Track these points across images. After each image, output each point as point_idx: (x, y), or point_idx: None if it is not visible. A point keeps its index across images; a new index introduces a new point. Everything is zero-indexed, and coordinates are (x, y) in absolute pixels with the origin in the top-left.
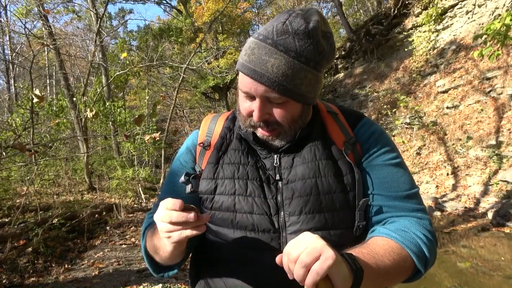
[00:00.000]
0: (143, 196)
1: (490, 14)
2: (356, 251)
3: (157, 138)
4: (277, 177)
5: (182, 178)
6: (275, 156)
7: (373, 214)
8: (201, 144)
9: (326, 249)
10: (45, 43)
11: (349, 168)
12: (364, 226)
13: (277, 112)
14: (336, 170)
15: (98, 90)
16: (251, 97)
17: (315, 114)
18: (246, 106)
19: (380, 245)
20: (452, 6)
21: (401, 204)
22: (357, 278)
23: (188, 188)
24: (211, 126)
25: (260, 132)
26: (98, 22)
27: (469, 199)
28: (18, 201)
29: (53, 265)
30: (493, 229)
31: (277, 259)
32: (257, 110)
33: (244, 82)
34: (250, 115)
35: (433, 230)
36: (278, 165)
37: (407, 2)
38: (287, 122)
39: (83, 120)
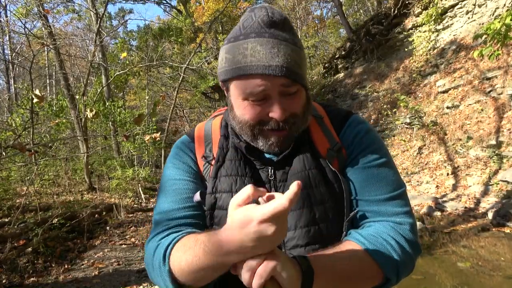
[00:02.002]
0: (143, 196)
1: (490, 14)
2: (315, 253)
3: (157, 138)
4: (273, 191)
5: (198, 197)
6: (269, 168)
7: (358, 220)
8: (204, 158)
9: (271, 252)
10: (45, 43)
11: (335, 177)
12: None
13: (292, 105)
14: (326, 180)
15: (98, 90)
16: (263, 99)
17: None
18: (256, 111)
19: (344, 249)
20: (452, 6)
21: (380, 208)
22: (306, 278)
23: (206, 207)
24: (208, 137)
25: (274, 135)
26: (98, 22)
27: (469, 199)
28: (18, 201)
29: (53, 265)
30: (493, 229)
31: (231, 268)
32: (278, 109)
33: (257, 84)
34: (262, 120)
35: (412, 237)
36: (273, 179)
37: (407, 2)
38: (301, 110)
39: (83, 120)
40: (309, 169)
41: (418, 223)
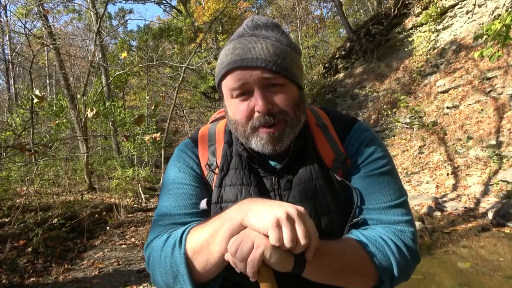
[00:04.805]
0: (143, 196)
1: (490, 14)
2: None
3: (157, 138)
4: (278, 199)
5: (204, 205)
6: (273, 177)
7: (359, 227)
8: (207, 167)
9: (257, 237)
10: (45, 43)
11: (341, 187)
12: None
13: (278, 99)
14: (332, 190)
15: (98, 90)
16: (247, 93)
17: (305, 128)
18: (243, 107)
19: (342, 241)
20: (452, 6)
21: (381, 216)
22: (298, 260)
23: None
24: (211, 142)
25: (264, 132)
26: (98, 22)
27: (469, 199)
28: (18, 201)
29: (53, 265)
30: (493, 229)
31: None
32: (259, 99)
33: (236, 78)
34: (250, 116)
35: (411, 244)
36: (277, 187)
37: (407, 2)
38: (290, 107)
39: (83, 120)
40: (316, 179)
41: (418, 223)
